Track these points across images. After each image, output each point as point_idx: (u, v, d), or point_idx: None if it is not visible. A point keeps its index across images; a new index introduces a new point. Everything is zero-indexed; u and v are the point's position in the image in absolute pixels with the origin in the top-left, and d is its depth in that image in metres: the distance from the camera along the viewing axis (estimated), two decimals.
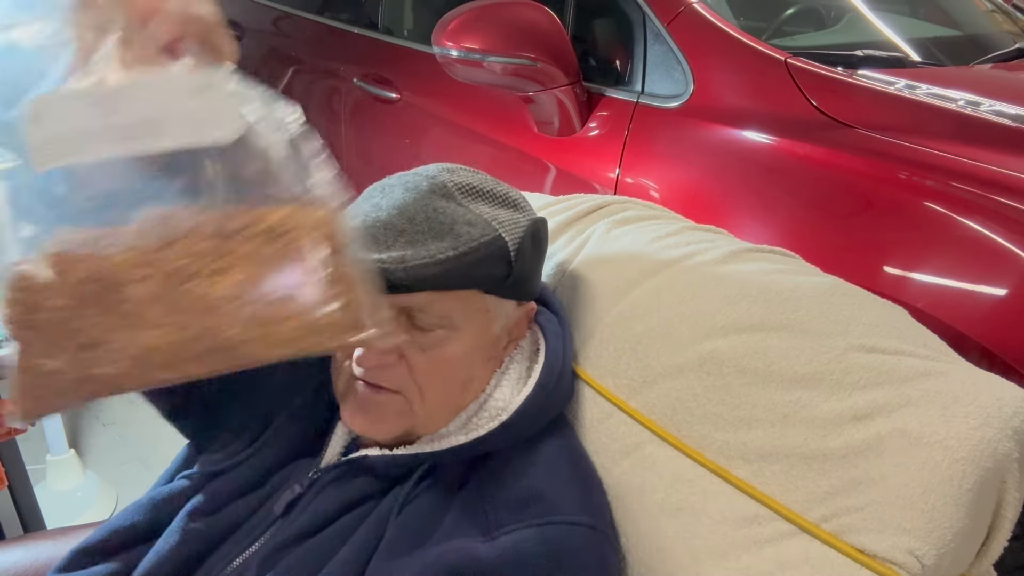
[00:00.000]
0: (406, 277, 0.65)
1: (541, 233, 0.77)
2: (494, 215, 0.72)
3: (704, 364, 0.74)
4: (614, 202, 1.02)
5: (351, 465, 0.72)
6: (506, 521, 0.65)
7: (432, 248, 0.66)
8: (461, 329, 0.70)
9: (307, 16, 2.33)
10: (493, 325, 0.73)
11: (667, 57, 1.39)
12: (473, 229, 0.69)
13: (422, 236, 0.67)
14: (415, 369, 0.70)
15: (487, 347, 0.74)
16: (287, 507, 0.72)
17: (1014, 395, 0.65)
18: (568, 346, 0.79)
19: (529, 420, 0.72)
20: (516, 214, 0.75)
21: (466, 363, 0.72)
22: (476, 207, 0.72)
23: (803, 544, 0.65)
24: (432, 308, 0.69)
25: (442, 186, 0.71)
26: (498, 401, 0.73)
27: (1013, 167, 1.03)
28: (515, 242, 0.72)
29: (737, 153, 1.25)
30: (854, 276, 0.82)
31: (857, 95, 1.23)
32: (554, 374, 0.74)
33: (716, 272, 0.82)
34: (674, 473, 0.73)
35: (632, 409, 0.77)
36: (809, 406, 0.69)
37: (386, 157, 1.94)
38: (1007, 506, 0.65)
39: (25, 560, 0.91)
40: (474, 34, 1.38)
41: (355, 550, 0.67)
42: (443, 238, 0.67)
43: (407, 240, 0.67)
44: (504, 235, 0.71)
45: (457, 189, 0.72)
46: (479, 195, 0.73)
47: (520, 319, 0.77)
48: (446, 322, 0.70)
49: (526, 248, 0.73)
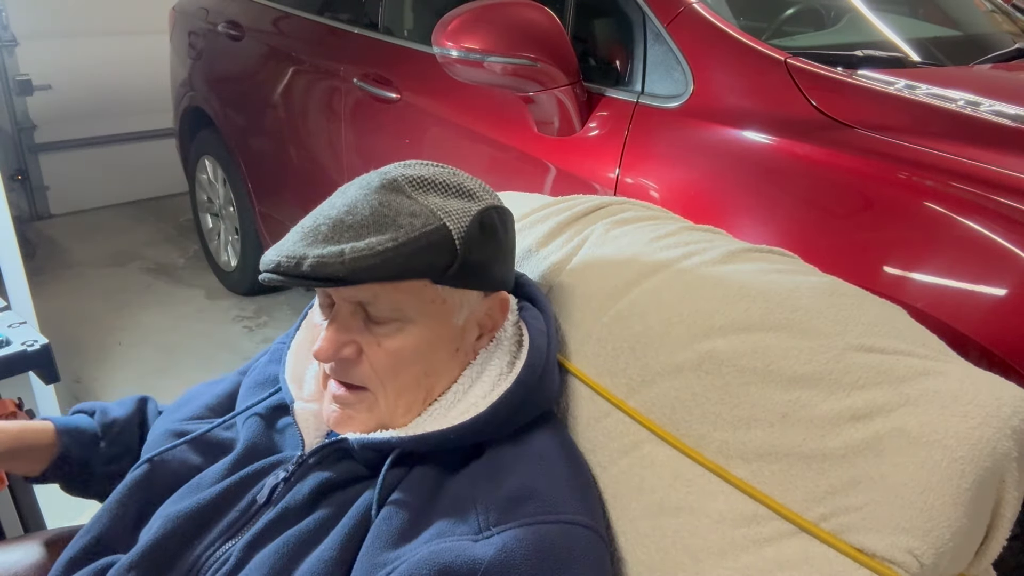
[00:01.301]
0: (344, 270, 0.67)
1: (493, 220, 0.76)
2: (442, 205, 0.73)
3: (703, 364, 0.74)
4: (613, 203, 1.02)
5: (331, 449, 0.74)
6: (499, 519, 0.65)
7: (373, 240, 0.68)
8: (414, 321, 0.72)
9: (307, 16, 2.33)
10: (453, 316, 0.74)
11: (667, 57, 1.39)
12: (415, 220, 0.70)
13: (365, 230, 0.69)
14: (374, 362, 0.72)
15: (451, 338, 0.75)
16: (271, 492, 0.73)
17: (1013, 394, 0.65)
18: (553, 342, 0.80)
19: (506, 415, 0.72)
20: (468, 203, 0.75)
21: (424, 353, 0.73)
22: (425, 199, 0.73)
23: (802, 543, 0.65)
24: (381, 300, 0.71)
25: (392, 181, 0.73)
26: (475, 394, 0.74)
27: (1013, 167, 1.03)
28: (460, 230, 0.72)
29: (737, 153, 1.25)
30: (853, 276, 0.82)
31: (857, 95, 1.23)
32: (536, 369, 0.75)
33: (715, 272, 0.82)
34: (673, 472, 0.73)
35: (631, 408, 0.77)
36: (808, 406, 0.69)
37: (386, 157, 1.94)
38: (1006, 505, 0.65)
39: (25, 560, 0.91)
40: (474, 34, 1.38)
41: (340, 540, 0.67)
42: (385, 230, 0.69)
43: (352, 235, 0.69)
44: (448, 224, 0.72)
45: (407, 182, 0.74)
46: (430, 187, 0.74)
47: (491, 310, 0.78)
48: (398, 314, 0.72)
49: (473, 236, 0.73)
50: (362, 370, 0.73)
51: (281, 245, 0.71)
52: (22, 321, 1.35)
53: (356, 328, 0.72)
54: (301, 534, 0.69)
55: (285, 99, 2.36)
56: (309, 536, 0.69)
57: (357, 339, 0.72)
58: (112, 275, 3.26)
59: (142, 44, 3.79)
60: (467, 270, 0.73)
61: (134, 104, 3.96)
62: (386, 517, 0.68)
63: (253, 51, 2.54)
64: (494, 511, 0.66)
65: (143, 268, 3.34)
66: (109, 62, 3.85)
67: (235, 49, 2.61)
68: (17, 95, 3.69)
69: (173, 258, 3.45)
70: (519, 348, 0.78)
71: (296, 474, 0.73)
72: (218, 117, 2.74)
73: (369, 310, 0.72)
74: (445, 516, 0.67)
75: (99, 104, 3.88)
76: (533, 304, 0.82)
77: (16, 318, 1.36)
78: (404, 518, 0.67)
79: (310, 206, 0.66)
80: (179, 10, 3.03)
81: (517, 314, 0.82)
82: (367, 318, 0.72)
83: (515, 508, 0.66)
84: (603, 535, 0.71)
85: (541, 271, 0.93)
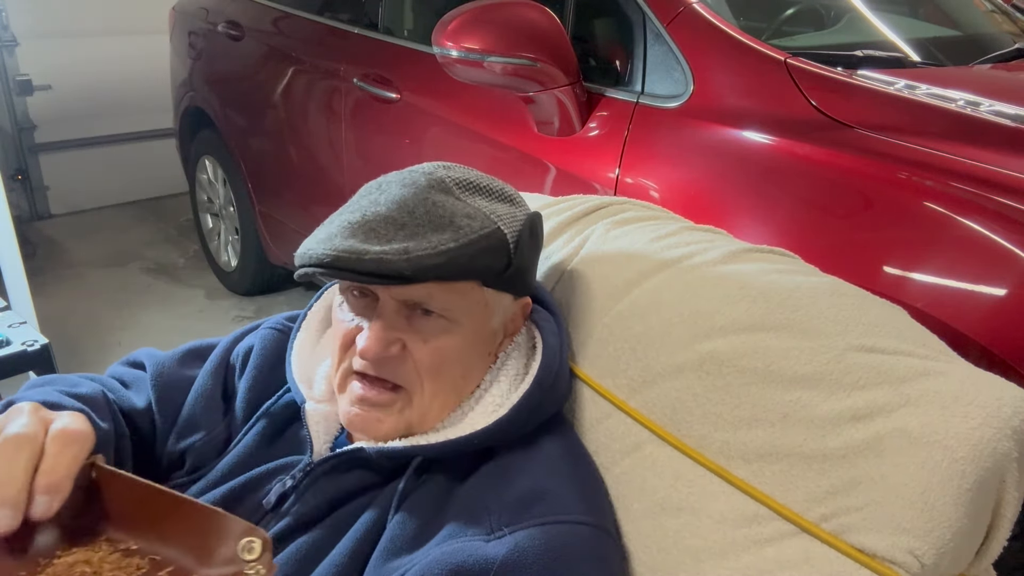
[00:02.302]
0: (409, 268, 0.66)
1: (538, 227, 0.79)
2: (492, 209, 0.73)
3: (704, 364, 0.74)
4: (613, 203, 1.02)
5: (344, 458, 0.72)
6: (510, 520, 0.65)
7: (433, 240, 0.68)
8: (461, 322, 0.72)
9: (307, 16, 2.32)
10: (491, 319, 0.75)
11: (667, 57, 1.39)
12: (473, 222, 0.70)
13: (422, 229, 0.68)
14: (418, 360, 0.71)
15: (485, 341, 0.75)
16: (278, 499, 0.72)
17: (1013, 395, 0.65)
18: (565, 344, 0.80)
19: (526, 417, 0.72)
20: (513, 208, 0.76)
21: (465, 356, 0.73)
22: (474, 201, 0.73)
23: (803, 544, 0.65)
24: (434, 300, 0.70)
25: (440, 181, 0.73)
26: (495, 396, 0.74)
27: (1013, 167, 1.03)
28: (513, 235, 0.73)
29: (737, 153, 1.25)
30: (854, 276, 0.82)
31: (857, 95, 1.23)
32: (551, 371, 0.75)
33: (715, 272, 0.82)
34: (674, 473, 0.73)
35: (632, 409, 0.77)
36: (809, 406, 0.69)
37: (386, 157, 1.94)
38: (1006, 505, 0.65)
39: None
40: (474, 34, 1.38)
41: (352, 547, 0.67)
42: (444, 230, 0.69)
43: (408, 233, 0.68)
44: (503, 228, 0.73)
45: (454, 184, 0.74)
46: (476, 190, 0.75)
47: (516, 315, 0.78)
48: (447, 314, 0.71)
49: (524, 241, 0.74)
50: (405, 369, 0.71)
51: (327, 240, 0.68)
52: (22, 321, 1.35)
53: (401, 326, 0.71)
54: (313, 542, 0.68)
55: (285, 99, 2.35)
56: (320, 543, 0.68)
57: (402, 336, 0.71)
58: (112, 275, 3.26)
59: (142, 44, 3.79)
60: (516, 274, 0.74)
61: (134, 104, 3.95)
62: (399, 523, 0.68)
63: (253, 51, 2.54)
64: (505, 512, 0.66)
65: (143, 268, 3.33)
66: (109, 62, 3.84)
67: (235, 49, 2.61)
68: (17, 95, 3.69)
69: (173, 258, 3.45)
70: (532, 350, 0.78)
71: (305, 482, 0.72)
72: (218, 117, 2.74)
73: (418, 308, 0.71)
74: (456, 519, 0.67)
75: (99, 104, 3.88)
76: (543, 306, 0.82)
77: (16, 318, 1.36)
78: (416, 523, 0.67)
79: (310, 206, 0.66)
80: (179, 10, 3.03)
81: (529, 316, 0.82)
82: (413, 316, 0.71)
83: (526, 509, 0.66)
84: (613, 535, 0.71)
85: (542, 272, 0.93)
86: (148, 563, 0.49)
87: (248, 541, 0.49)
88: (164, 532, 0.50)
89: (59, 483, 0.50)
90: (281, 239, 2.54)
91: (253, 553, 0.49)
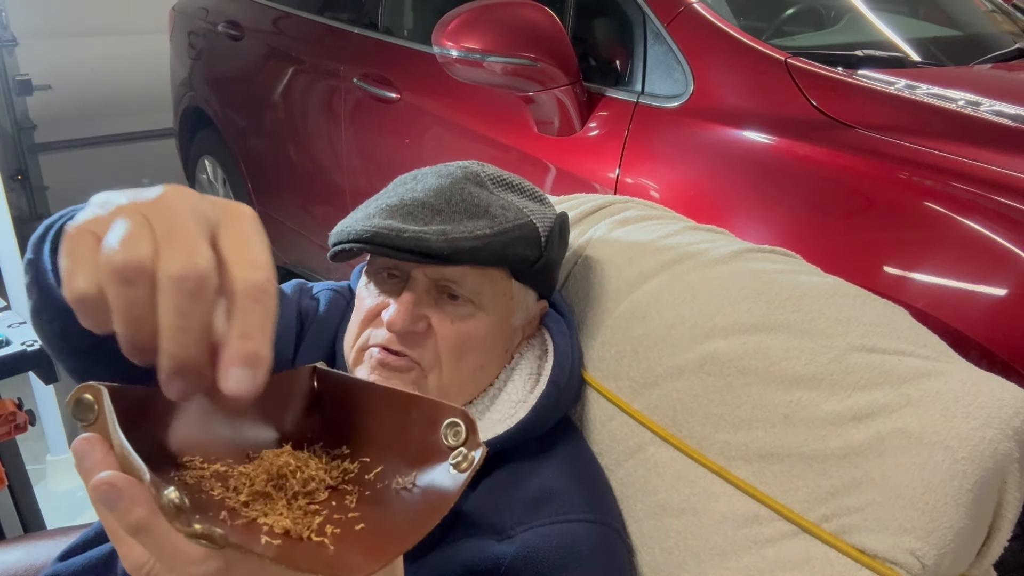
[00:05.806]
0: (447, 248, 0.68)
1: (566, 227, 0.82)
2: (524, 204, 0.76)
3: (705, 365, 0.74)
4: (615, 202, 1.02)
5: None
6: (522, 519, 0.66)
7: (469, 225, 0.70)
8: (487, 310, 0.73)
9: (307, 16, 2.32)
10: (514, 315, 0.76)
11: (667, 57, 1.39)
12: (507, 212, 0.73)
13: (459, 216, 0.71)
14: (441, 340, 0.72)
15: (505, 337, 0.76)
16: None
17: (1014, 395, 0.65)
18: (576, 345, 0.80)
19: (545, 416, 0.73)
20: (543, 207, 0.79)
21: (486, 345, 0.74)
22: (507, 196, 0.76)
23: (804, 544, 0.65)
24: (465, 282, 0.72)
25: (475, 175, 0.76)
26: (511, 395, 0.74)
27: (1013, 167, 1.03)
28: (545, 229, 0.76)
29: (737, 153, 1.25)
30: (854, 276, 0.82)
31: (857, 95, 1.23)
32: (565, 369, 0.76)
33: (717, 272, 0.82)
34: (676, 474, 0.73)
35: (634, 411, 0.77)
36: (810, 406, 0.69)
37: (386, 157, 1.94)
38: (1007, 506, 0.65)
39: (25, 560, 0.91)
40: (474, 34, 1.38)
41: None
42: (479, 218, 0.71)
43: (444, 219, 0.70)
44: (535, 221, 0.75)
45: (488, 179, 0.77)
46: (509, 186, 0.78)
47: (535, 317, 0.80)
48: (475, 298, 0.73)
49: (555, 237, 0.77)
50: (427, 346, 0.71)
51: (366, 219, 0.70)
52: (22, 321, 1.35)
53: (429, 304, 0.72)
54: None
55: (285, 99, 2.35)
56: None
57: (429, 314, 0.72)
58: None
59: (142, 44, 3.78)
60: (545, 268, 0.77)
61: (134, 104, 3.95)
62: None
63: (253, 51, 2.54)
64: (517, 512, 0.66)
65: None
66: (109, 62, 3.84)
67: (235, 49, 2.61)
68: (17, 95, 3.68)
69: None
70: (544, 351, 0.79)
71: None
72: (218, 117, 2.74)
73: (449, 289, 0.72)
74: (468, 517, 0.67)
75: (99, 104, 3.87)
76: (553, 308, 0.83)
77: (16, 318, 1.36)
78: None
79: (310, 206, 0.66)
80: (179, 10, 3.03)
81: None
82: (441, 297, 0.72)
83: (537, 509, 0.66)
84: (622, 534, 0.72)
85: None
86: (358, 466, 0.45)
87: (451, 422, 0.44)
88: (375, 432, 0.46)
89: (260, 351, 0.35)
90: (281, 239, 2.54)
91: (459, 438, 0.44)
